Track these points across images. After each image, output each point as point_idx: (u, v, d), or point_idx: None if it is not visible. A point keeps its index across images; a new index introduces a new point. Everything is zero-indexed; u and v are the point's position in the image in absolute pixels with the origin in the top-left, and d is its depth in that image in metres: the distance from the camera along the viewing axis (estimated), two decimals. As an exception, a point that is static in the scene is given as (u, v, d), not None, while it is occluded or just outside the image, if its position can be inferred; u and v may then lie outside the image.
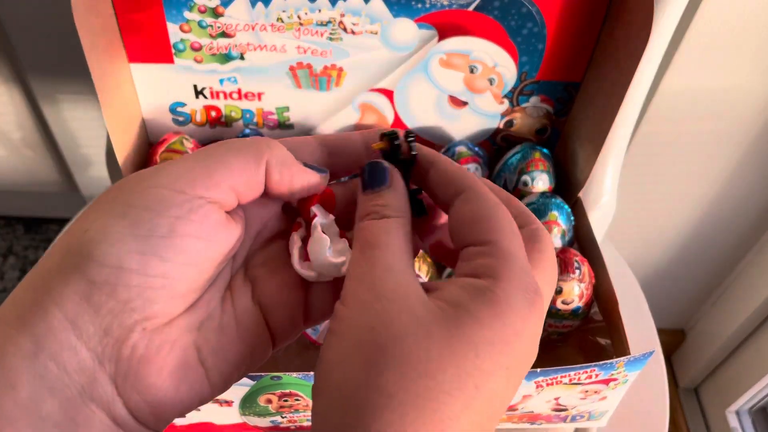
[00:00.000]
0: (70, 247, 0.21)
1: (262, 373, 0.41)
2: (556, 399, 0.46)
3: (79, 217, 0.23)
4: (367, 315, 0.21)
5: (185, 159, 0.23)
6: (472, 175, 0.25)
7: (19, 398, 0.19)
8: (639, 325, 0.64)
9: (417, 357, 0.20)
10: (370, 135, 0.27)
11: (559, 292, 0.49)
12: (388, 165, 0.25)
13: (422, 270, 0.51)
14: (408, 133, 0.26)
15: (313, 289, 0.26)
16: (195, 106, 0.57)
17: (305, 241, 0.26)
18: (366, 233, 0.24)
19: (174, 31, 0.52)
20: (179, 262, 0.22)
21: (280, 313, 0.26)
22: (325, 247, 0.25)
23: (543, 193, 0.55)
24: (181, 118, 0.58)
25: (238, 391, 0.43)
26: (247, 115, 0.58)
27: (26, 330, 0.20)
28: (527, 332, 0.21)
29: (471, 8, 0.51)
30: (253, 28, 0.52)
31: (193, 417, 0.46)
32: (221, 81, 0.55)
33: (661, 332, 0.64)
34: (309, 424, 0.48)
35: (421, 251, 0.36)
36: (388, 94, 0.57)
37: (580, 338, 0.53)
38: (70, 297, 0.20)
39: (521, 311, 0.21)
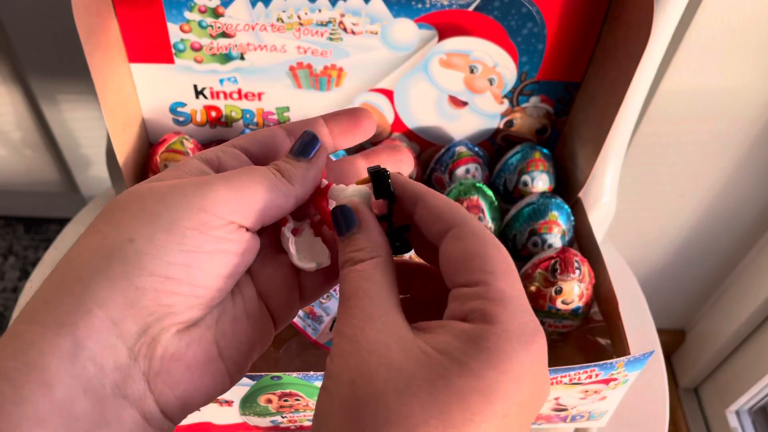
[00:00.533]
0: (114, 253, 0.22)
1: (262, 373, 0.41)
2: (556, 399, 0.46)
3: (111, 220, 0.23)
4: (348, 369, 0.21)
5: (227, 184, 0.24)
6: (463, 209, 0.24)
7: (54, 398, 0.19)
8: (639, 325, 0.64)
9: (398, 413, 0.19)
10: (330, 116, 0.28)
11: (559, 292, 0.49)
12: (352, 206, 0.25)
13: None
14: (381, 171, 0.26)
15: (304, 272, 0.27)
16: (195, 106, 0.57)
17: (296, 234, 0.27)
18: (344, 285, 0.23)
19: (174, 31, 0.52)
20: (220, 275, 0.23)
21: (279, 298, 0.27)
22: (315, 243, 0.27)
23: (543, 193, 0.55)
24: (181, 118, 0.58)
25: (238, 391, 0.43)
26: (247, 115, 0.58)
27: (65, 331, 0.20)
28: (529, 375, 0.20)
29: (471, 8, 0.51)
30: (253, 28, 0.52)
31: (193, 417, 0.46)
32: (221, 81, 0.55)
33: (661, 332, 0.64)
34: (309, 424, 0.48)
35: None
36: (388, 94, 0.57)
37: (580, 338, 0.53)
38: (115, 301, 0.21)
39: (518, 356, 0.20)
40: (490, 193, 0.54)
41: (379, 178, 0.26)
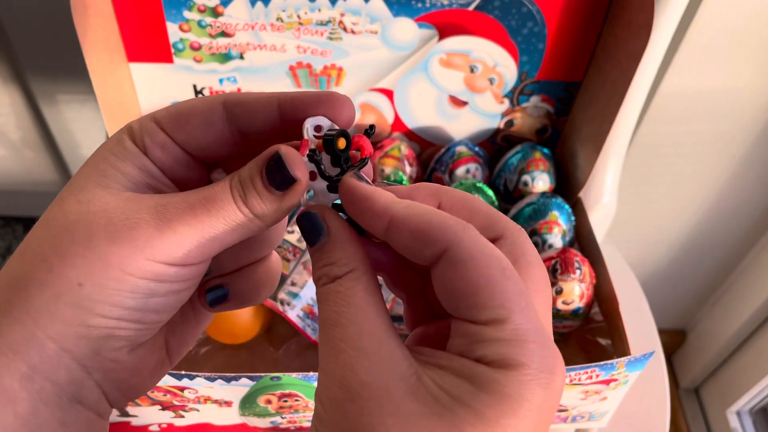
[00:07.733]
0: (63, 294, 0.21)
1: (262, 374, 0.41)
2: (557, 399, 0.46)
3: (58, 249, 0.21)
4: (346, 421, 0.18)
5: (185, 229, 0.21)
6: (453, 218, 0.20)
7: (19, 411, 0.20)
8: (639, 326, 0.64)
9: None
10: (288, 101, 0.23)
11: (559, 292, 0.49)
12: (318, 213, 0.22)
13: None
14: (342, 131, 0.22)
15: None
16: (194, 106, 0.57)
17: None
18: (323, 307, 0.20)
19: (173, 31, 0.52)
20: (173, 307, 0.23)
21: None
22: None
23: (543, 193, 0.55)
24: (180, 118, 0.58)
25: (237, 391, 0.43)
26: (247, 115, 0.58)
27: (20, 358, 0.20)
28: (544, 416, 0.18)
29: (471, 8, 0.51)
30: (252, 28, 0.52)
31: (192, 417, 0.46)
32: (221, 81, 0.55)
33: (662, 332, 0.64)
34: (309, 424, 0.48)
35: None
36: (388, 93, 0.57)
37: (580, 338, 0.53)
38: (67, 335, 0.21)
39: (539, 398, 0.18)
40: (490, 192, 0.54)
41: (328, 142, 0.22)
